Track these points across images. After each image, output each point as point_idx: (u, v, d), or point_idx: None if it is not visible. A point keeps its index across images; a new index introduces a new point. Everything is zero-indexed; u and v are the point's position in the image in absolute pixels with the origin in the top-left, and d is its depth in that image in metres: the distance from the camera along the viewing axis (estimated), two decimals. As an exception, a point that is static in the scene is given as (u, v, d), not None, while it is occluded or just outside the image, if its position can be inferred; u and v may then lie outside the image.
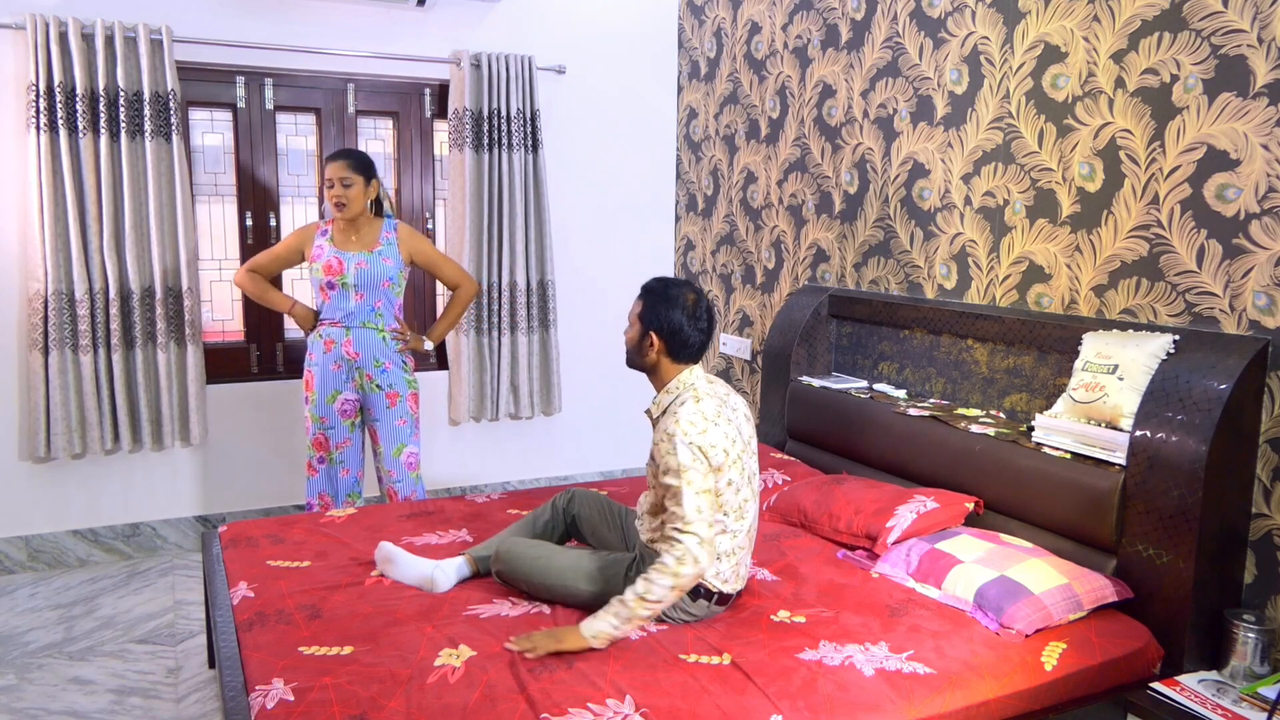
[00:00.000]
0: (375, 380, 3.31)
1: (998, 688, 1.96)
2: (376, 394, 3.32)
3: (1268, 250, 2.19)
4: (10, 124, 3.47)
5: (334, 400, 3.30)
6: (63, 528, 3.69)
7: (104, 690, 2.73)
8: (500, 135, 4.14)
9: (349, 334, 3.26)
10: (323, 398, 3.29)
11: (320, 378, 3.29)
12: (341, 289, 3.24)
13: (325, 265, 3.23)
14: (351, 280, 3.22)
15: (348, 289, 3.23)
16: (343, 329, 3.26)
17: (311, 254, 3.27)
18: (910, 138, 3.26)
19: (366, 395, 3.33)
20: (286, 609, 2.22)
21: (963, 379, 3.03)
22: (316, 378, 3.29)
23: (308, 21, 3.91)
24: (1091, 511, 2.35)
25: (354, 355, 3.27)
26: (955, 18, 3.05)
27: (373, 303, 3.27)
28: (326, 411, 3.31)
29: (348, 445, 3.37)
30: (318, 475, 3.37)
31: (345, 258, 3.23)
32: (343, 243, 3.27)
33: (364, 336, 3.27)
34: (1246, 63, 2.22)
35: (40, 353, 3.46)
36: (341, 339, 3.26)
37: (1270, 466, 2.20)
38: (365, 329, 3.27)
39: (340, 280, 3.22)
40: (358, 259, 3.23)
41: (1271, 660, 2.13)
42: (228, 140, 3.94)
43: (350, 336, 3.26)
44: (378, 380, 3.31)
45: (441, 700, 1.80)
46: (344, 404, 3.32)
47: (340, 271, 3.22)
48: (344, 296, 3.24)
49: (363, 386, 3.32)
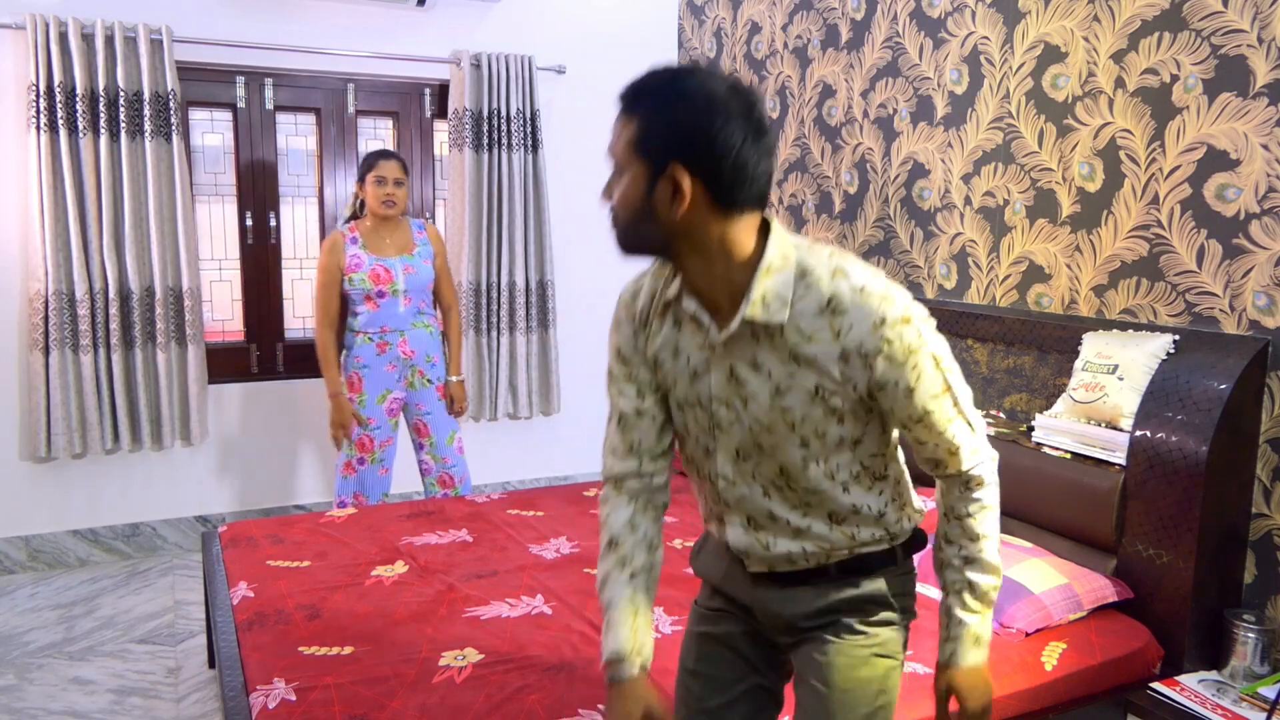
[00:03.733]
0: (426, 375, 3.36)
1: (998, 688, 1.95)
2: (427, 388, 3.37)
3: (1268, 250, 2.19)
4: (10, 124, 3.47)
5: (383, 400, 3.32)
6: (63, 528, 3.69)
7: (104, 690, 2.73)
8: (500, 135, 4.14)
9: (403, 335, 3.29)
10: (373, 398, 3.30)
11: (370, 379, 3.29)
12: (392, 296, 3.25)
13: (372, 275, 3.22)
14: (402, 287, 3.25)
15: (398, 295, 3.25)
16: (396, 332, 3.28)
17: (347, 265, 3.24)
18: (910, 138, 3.26)
19: (416, 391, 3.36)
20: (286, 609, 2.22)
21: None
22: (366, 380, 3.29)
23: (308, 21, 3.90)
24: (1091, 511, 2.35)
25: (410, 354, 3.31)
26: (955, 18, 3.05)
27: (419, 304, 3.32)
28: (375, 412, 3.31)
29: (390, 444, 3.39)
30: (354, 476, 3.35)
31: (390, 264, 3.24)
32: (378, 247, 3.27)
33: (417, 335, 3.32)
34: (1246, 63, 2.22)
35: (41, 353, 3.46)
36: (396, 341, 3.29)
37: (1270, 466, 2.20)
38: (416, 329, 3.32)
39: (391, 288, 3.24)
40: (403, 264, 3.26)
41: (1271, 660, 2.13)
42: (228, 140, 3.94)
43: (405, 337, 3.29)
44: (429, 375, 3.36)
45: (447, 701, 1.81)
46: (392, 403, 3.35)
47: (390, 279, 3.23)
48: (394, 303, 3.26)
49: (413, 383, 3.35)
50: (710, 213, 1.20)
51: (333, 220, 4.11)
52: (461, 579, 2.44)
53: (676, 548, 2.69)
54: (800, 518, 1.33)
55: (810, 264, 1.23)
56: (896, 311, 1.19)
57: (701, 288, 1.27)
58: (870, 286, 1.21)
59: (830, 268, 1.22)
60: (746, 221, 1.23)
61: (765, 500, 1.34)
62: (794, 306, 1.22)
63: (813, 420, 1.26)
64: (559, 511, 3.03)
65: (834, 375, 1.22)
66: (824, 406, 1.25)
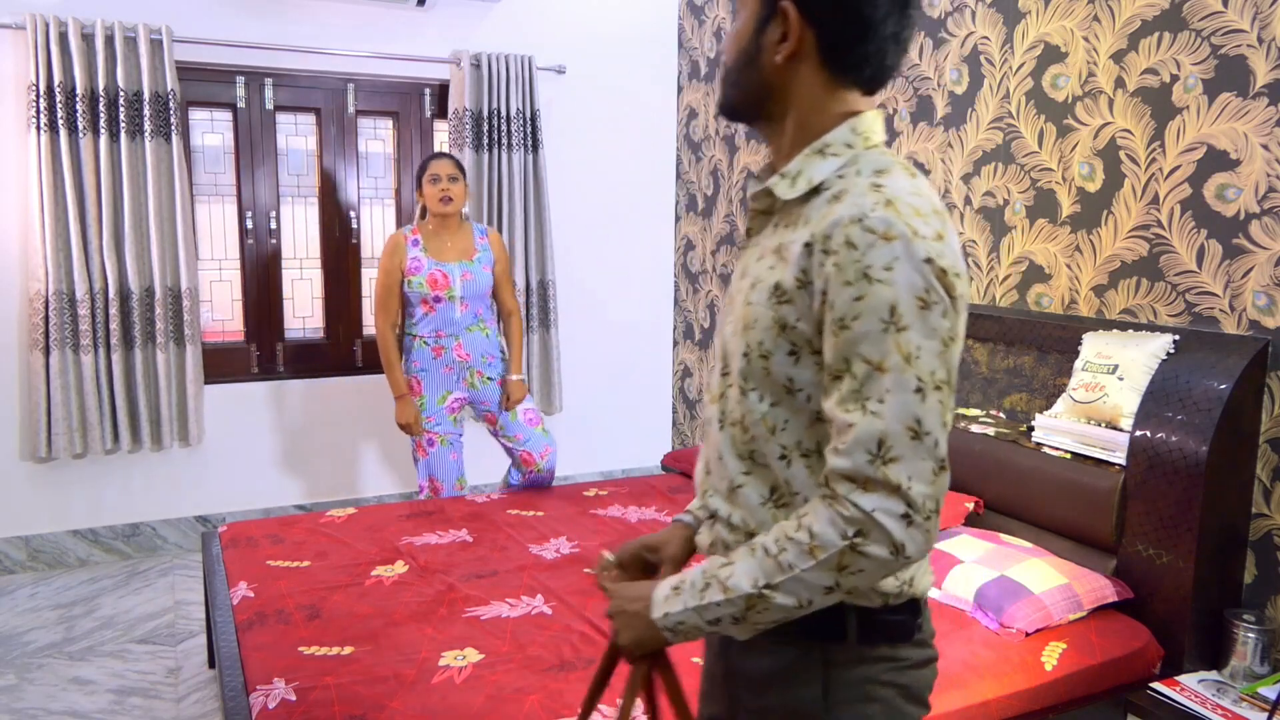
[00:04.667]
0: (485, 374, 3.36)
1: (998, 687, 1.95)
2: (488, 385, 3.37)
3: (1268, 250, 2.19)
4: (10, 124, 3.47)
5: (444, 401, 3.32)
6: (63, 528, 3.69)
7: (104, 690, 2.72)
8: (500, 135, 4.14)
9: (458, 339, 3.28)
10: (433, 399, 3.31)
11: (429, 382, 3.30)
12: (448, 301, 3.24)
13: (429, 279, 3.22)
14: (459, 293, 3.24)
15: (454, 301, 3.25)
16: (451, 336, 3.28)
17: (408, 267, 3.25)
18: (910, 138, 3.26)
19: (478, 390, 3.36)
20: (286, 609, 2.22)
21: (963, 379, 3.03)
22: (425, 384, 3.30)
23: (308, 21, 3.90)
24: (1091, 511, 2.35)
25: (465, 357, 3.30)
26: (955, 18, 3.05)
27: (475, 310, 3.31)
28: (436, 412, 3.32)
29: (453, 437, 3.39)
30: (425, 458, 3.35)
31: (448, 270, 3.23)
32: (438, 251, 3.26)
33: (472, 339, 3.31)
34: (1246, 63, 2.22)
35: (41, 353, 3.46)
36: (451, 345, 3.28)
37: (1270, 466, 2.20)
38: (472, 333, 3.31)
39: (448, 294, 3.23)
40: (462, 270, 3.25)
41: (1271, 660, 2.13)
42: (228, 140, 3.94)
43: (459, 341, 3.28)
44: (488, 374, 3.36)
45: (447, 701, 1.81)
46: (453, 402, 3.34)
47: (447, 285, 3.23)
48: (450, 308, 3.25)
49: (473, 384, 3.34)
50: (816, 72, 1.03)
51: (332, 220, 4.11)
52: (461, 579, 2.44)
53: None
54: (740, 470, 1.07)
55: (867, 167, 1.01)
56: (893, 228, 0.92)
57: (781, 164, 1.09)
58: (900, 200, 0.95)
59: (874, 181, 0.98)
60: (850, 99, 1.05)
61: (719, 431, 1.10)
62: (819, 193, 1.02)
63: (762, 327, 1.02)
64: (559, 511, 3.03)
65: (795, 271, 0.98)
66: (775, 316, 1.00)
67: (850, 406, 0.93)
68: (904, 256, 0.92)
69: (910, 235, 0.92)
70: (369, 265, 4.24)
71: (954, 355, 0.96)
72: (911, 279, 0.92)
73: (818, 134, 1.04)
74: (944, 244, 0.95)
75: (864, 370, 0.92)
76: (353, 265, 4.18)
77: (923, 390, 0.92)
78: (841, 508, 0.92)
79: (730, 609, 0.97)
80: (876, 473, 0.91)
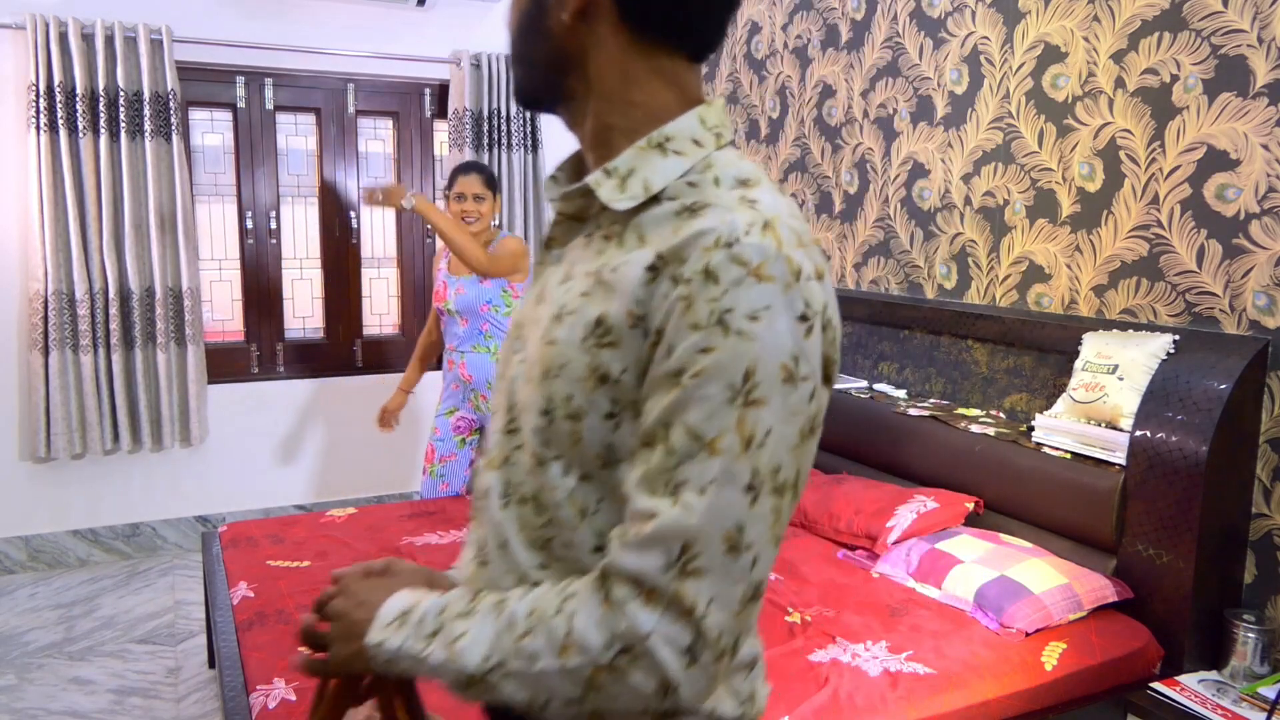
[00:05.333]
0: (490, 400, 3.22)
1: (998, 688, 1.95)
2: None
3: (1268, 250, 2.19)
4: (10, 124, 3.47)
5: (450, 415, 3.28)
6: (63, 528, 3.69)
7: (104, 690, 2.72)
8: (500, 135, 4.14)
9: (463, 357, 3.21)
10: (442, 411, 3.29)
11: (444, 394, 3.30)
12: (449, 315, 3.20)
13: (435, 290, 3.23)
14: (454, 307, 3.17)
15: (454, 316, 3.19)
16: (457, 352, 3.22)
17: (435, 277, 3.26)
18: (910, 138, 3.26)
19: (485, 414, 3.27)
20: (286, 609, 2.22)
21: (963, 379, 3.03)
22: (442, 393, 3.30)
23: (308, 21, 3.90)
24: (1091, 511, 2.35)
25: (468, 378, 3.20)
26: (955, 18, 3.05)
27: (478, 326, 3.17)
28: (441, 424, 3.28)
29: (452, 459, 3.27)
30: (424, 480, 3.32)
31: (450, 282, 3.18)
32: (456, 265, 3.20)
33: (476, 360, 3.19)
34: (1246, 63, 2.22)
35: (40, 353, 3.46)
36: (458, 361, 3.22)
37: (1270, 466, 2.20)
38: (476, 352, 3.19)
39: (445, 307, 3.19)
40: (458, 284, 3.16)
41: (1271, 660, 2.13)
42: (228, 140, 3.94)
43: (464, 360, 3.20)
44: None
45: (447, 701, 1.80)
46: (459, 420, 3.27)
47: (444, 298, 3.18)
48: (453, 322, 3.20)
49: (479, 408, 3.24)
50: (617, 32, 0.79)
51: (332, 220, 4.12)
52: (461, 579, 2.44)
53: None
54: (534, 563, 0.81)
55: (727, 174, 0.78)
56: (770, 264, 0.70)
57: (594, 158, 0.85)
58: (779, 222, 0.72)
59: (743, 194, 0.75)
60: (670, 69, 0.81)
61: (500, 509, 0.84)
62: (659, 203, 0.77)
63: (571, 377, 0.76)
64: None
65: (628, 303, 0.73)
66: (592, 363, 0.75)
67: (657, 489, 0.69)
68: (778, 306, 0.69)
69: (789, 278, 0.70)
70: (369, 265, 4.25)
71: (809, 452, 0.73)
72: (780, 339, 0.69)
73: (638, 117, 0.80)
74: (824, 289, 0.73)
75: (686, 445, 0.69)
76: (353, 265, 4.18)
77: (757, 490, 0.69)
78: (614, 615, 0.69)
79: (450, 675, 0.78)
80: (669, 585, 0.68)
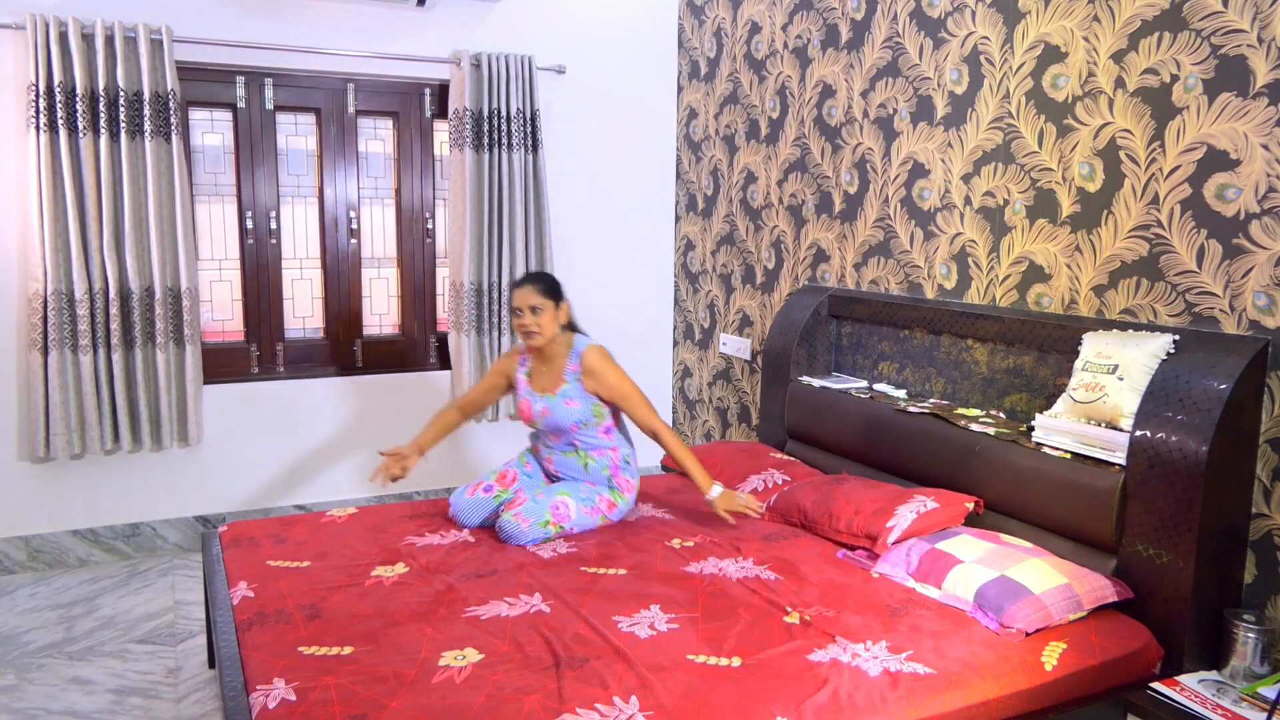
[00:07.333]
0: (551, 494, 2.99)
1: (998, 688, 1.96)
2: None
3: (1268, 250, 2.19)
4: (10, 124, 3.47)
5: (523, 462, 3.11)
6: (63, 528, 3.69)
7: (104, 690, 2.73)
8: (500, 135, 4.14)
9: (551, 456, 3.05)
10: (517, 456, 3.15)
11: (525, 453, 3.14)
12: (539, 430, 3.04)
13: (519, 408, 3.03)
14: (542, 427, 3.00)
15: (543, 433, 3.04)
16: (548, 449, 3.05)
17: (516, 386, 3.04)
18: (910, 138, 3.26)
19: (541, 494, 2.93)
20: (286, 609, 2.22)
21: (963, 379, 3.03)
22: (524, 452, 3.15)
23: (308, 21, 3.91)
24: (1091, 511, 2.35)
25: (556, 474, 3.05)
26: (955, 18, 3.05)
27: (570, 441, 2.98)
28: (530, 459, 3.12)
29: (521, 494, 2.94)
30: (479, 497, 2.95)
31: (534, 400, 2.96)
32: (535, 378, 2.99)
33: (566, 462, 3.01)
34: (1246, 63, 2.22)
35: (40, 353, 3.46)
36: (545, 456, 3.08)
37: (1270, 466, 2.20)
38: (567, 457, 3.01)
39: (532, 425, 3.03)
40: (542, 405, 2.94)
41: (1271, 660, 2.13)
42: (228, 140, 3.94)
43: (552, 456, 3.05)
44: None
45: (446, 701, 1.80)
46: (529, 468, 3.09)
47: (530, 417, 3.00)
48: (543, 436, 3.05)
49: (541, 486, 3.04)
50: None
51: (332, 221, 4.12)
52: (461, 578, 2.44)
53: (675, 547, 2.69)
54: None
55: None
56: None
57: None
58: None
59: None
60: None
61: None
62: None
63: None
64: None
65: None
66: None
67: None
68: None
69: None
70: (369, 265, 4.25)
71: None
72: None
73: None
74: None
75: None
76: (353, 265, 4.18)
77: None
78: None
79: None
80: None
